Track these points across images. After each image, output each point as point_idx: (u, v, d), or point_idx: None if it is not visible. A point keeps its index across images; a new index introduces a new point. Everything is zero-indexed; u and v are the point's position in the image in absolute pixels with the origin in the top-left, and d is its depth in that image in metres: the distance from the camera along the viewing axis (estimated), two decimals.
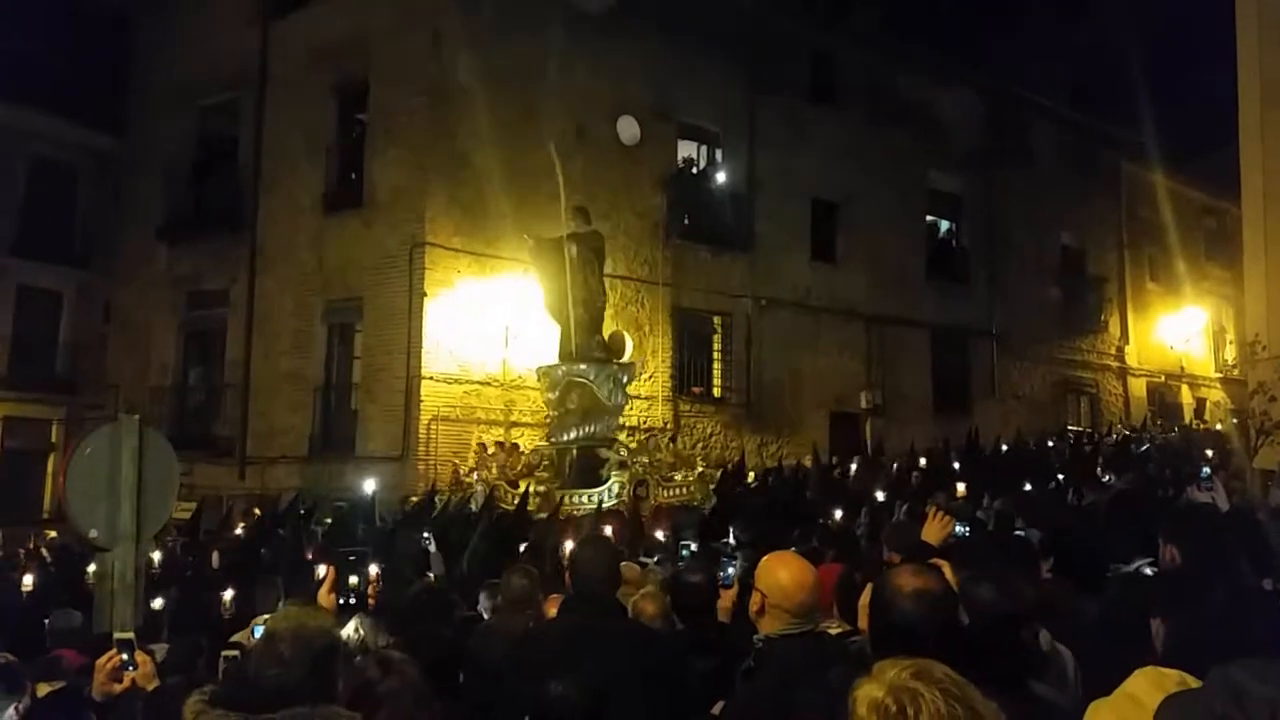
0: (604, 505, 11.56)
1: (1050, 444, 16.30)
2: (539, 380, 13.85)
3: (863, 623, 3.19)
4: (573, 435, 12.97)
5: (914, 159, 21.72)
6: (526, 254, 14.11)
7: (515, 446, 14.34)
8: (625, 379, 13.55)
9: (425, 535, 9.14)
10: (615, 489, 12.09)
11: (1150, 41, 26.51)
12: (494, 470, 13.18)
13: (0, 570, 11.04)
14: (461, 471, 13.71)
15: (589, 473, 12.56)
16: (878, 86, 21.16)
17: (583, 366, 13.09)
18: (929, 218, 23.28)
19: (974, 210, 23.52)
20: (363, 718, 2.60)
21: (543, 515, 11.10)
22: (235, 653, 3.73)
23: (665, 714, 3.17)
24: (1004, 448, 16.19)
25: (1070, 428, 23.23)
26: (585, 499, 11.86)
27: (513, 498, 11.77)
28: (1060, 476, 12.13)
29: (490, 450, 14.15)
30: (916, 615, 2.45)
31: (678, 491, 12.46)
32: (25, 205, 20.64)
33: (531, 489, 12.00)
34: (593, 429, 12.99)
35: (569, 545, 7.98)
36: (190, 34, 19.24)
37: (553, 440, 13.36)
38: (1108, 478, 11.70)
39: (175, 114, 19.41)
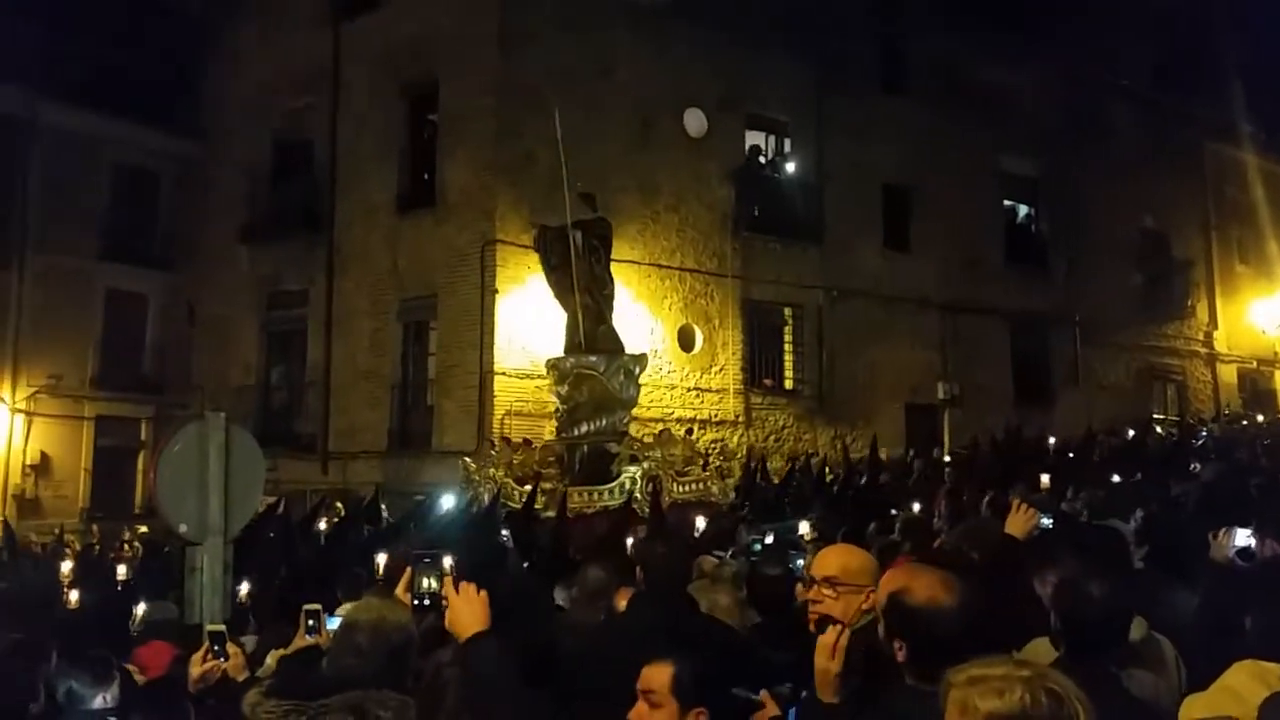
0: (614, 502, 11.17)
1: (1098, 439, 15.56)
2: (547, 373, 13.29)
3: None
4: (583, 430, 12.44)
5: (988, 143, 21.24)
6: (531, 242, 13.62)
7: (528, 443, 13.72)
8: (637, 370, 12.95)
9: (504, 532, 9.23)
10: (626, 485, 11.59)
11: (1233, 15, 25.47)
12: (501, 469, 12.51)
13: (98, 564, 11.48)
14: (472, 469, 13.13)
15: (599, 469, 12.02)
16: (949, 70, 20.71)
17: (592, 358, 12.48)
18: (1006, 203, 22.78)
19: (1052, 194, 22.94)
20: (430, 702, 2.63)
21: (550, 514, 10.71)
22: (317, 606, 3.78)
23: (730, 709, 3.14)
24: (1051, 441, 15.54)
25: (1156, 416, 22.60)
26: (595, 496, 11.40)
27: (520, 496, 11.36)
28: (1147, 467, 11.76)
29: (498, 447, 13.37)
30: (959, 625, 2.35)
31: (692, 487, 11.86)
32: (111, 211, 21.34)
33: (539, 487, 11.48)
34: (603, 423, 12.42)
35: (633, 539, 8.02)
36: (264, 40, 19.70)
37: (563, 436, 12.86)
38: (1194, 466, 11.36)
39: (252, 119, 19.90)
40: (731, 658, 3.44)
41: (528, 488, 11.44)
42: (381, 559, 6.90)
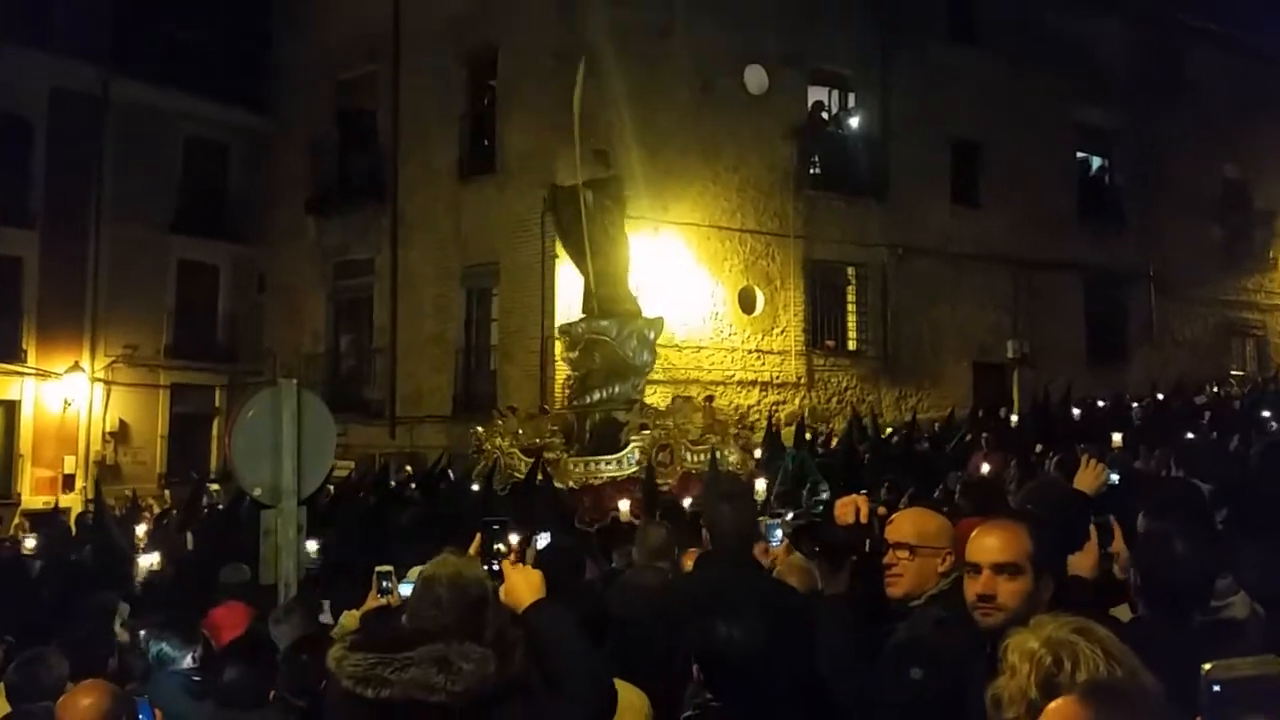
0: (620, 473, 10.93)
1: (1135, 405, 14.97)
2: (559, 339, 12.89)
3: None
4: (595, 397, 12.03)
5: (1061, 94, 20.53)
6: (543, 203, 13.36)
7: (545, 412, 13.34)
8: (652, 335, 12.46)
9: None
10: (635, 455, 11.19)
11: None
12: (507, 439, 12.00)
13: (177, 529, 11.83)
14: (482, 438, 12.63)
15: (608, 438, 11.67)
16: (1019, 18, 20.04)
17: (603, 323, 11.99)
18: (1079, 155, 22.10)
19: (1128, 145, 22.18)
20: (500, 656, 2.67)
21: (558, 484, 10.52)
22: (389, 567, 3.85)
23: (802, 670, 3.12)
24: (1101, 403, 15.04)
25: (1234, 372, 21.92)
26: (600, 466, 11.14)
27: (524, 466, 11.03)
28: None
29: (504, 417, 12.78)
30: None
31: (706, 456, 11.19)
32: (183, 184, 21.80)
33: (543, 458, 11.12)
34: (615, 390, 11.98)
35: (689, 501, 8.02)
36: (327, 11, 19.84)
37: (574, 404, 12.50)
38: (1272, 424, 11.00)
39: (317, 89, 20.10)
40: (794, 620, 3.42)
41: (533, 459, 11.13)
42: None
